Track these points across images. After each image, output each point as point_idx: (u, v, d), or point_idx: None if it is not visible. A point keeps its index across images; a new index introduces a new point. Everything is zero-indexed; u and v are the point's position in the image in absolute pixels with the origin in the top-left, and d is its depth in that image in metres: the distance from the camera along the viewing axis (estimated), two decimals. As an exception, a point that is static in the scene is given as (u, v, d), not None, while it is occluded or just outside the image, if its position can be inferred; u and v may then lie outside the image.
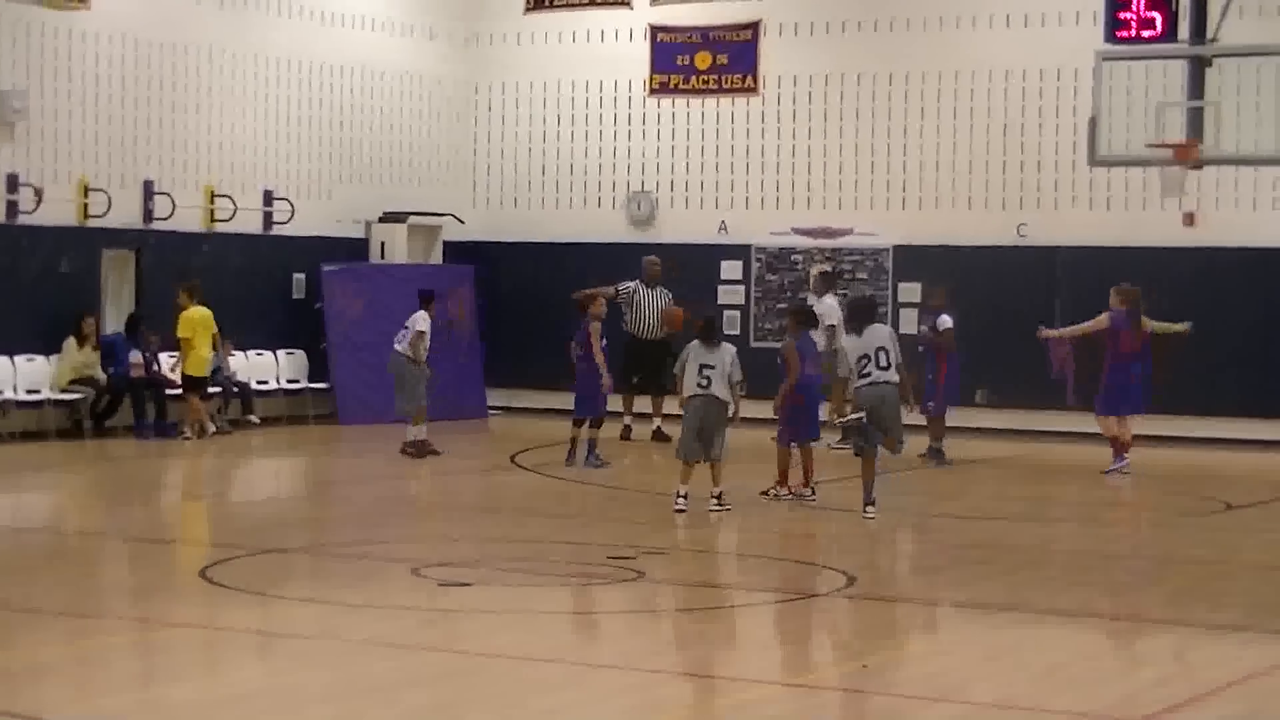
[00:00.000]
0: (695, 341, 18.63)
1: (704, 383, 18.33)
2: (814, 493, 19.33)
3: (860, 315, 18.66)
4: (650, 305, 25.82)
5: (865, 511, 18.27)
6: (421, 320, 23.37)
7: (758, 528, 18.13)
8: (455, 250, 30.08)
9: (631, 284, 26.02)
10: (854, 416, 18.47)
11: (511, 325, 29.48)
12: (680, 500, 18.35)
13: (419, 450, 23.10)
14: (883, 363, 18.16)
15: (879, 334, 18.39)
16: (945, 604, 14.56)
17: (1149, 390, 22.80)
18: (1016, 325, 27.08)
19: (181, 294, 25.29)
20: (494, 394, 29.45)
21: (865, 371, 18.19)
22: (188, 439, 24.94)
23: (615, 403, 25.65)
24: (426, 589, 14.43)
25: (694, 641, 13.05)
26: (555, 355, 23.56)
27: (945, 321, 23.08)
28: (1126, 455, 22.53)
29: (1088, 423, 24.88)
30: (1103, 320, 22.50)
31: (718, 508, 18.40)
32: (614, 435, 25.22)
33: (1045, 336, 23.38)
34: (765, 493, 19.34)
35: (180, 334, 25.13)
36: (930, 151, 28.41)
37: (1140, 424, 23.14)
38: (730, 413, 18.43)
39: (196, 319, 25.19)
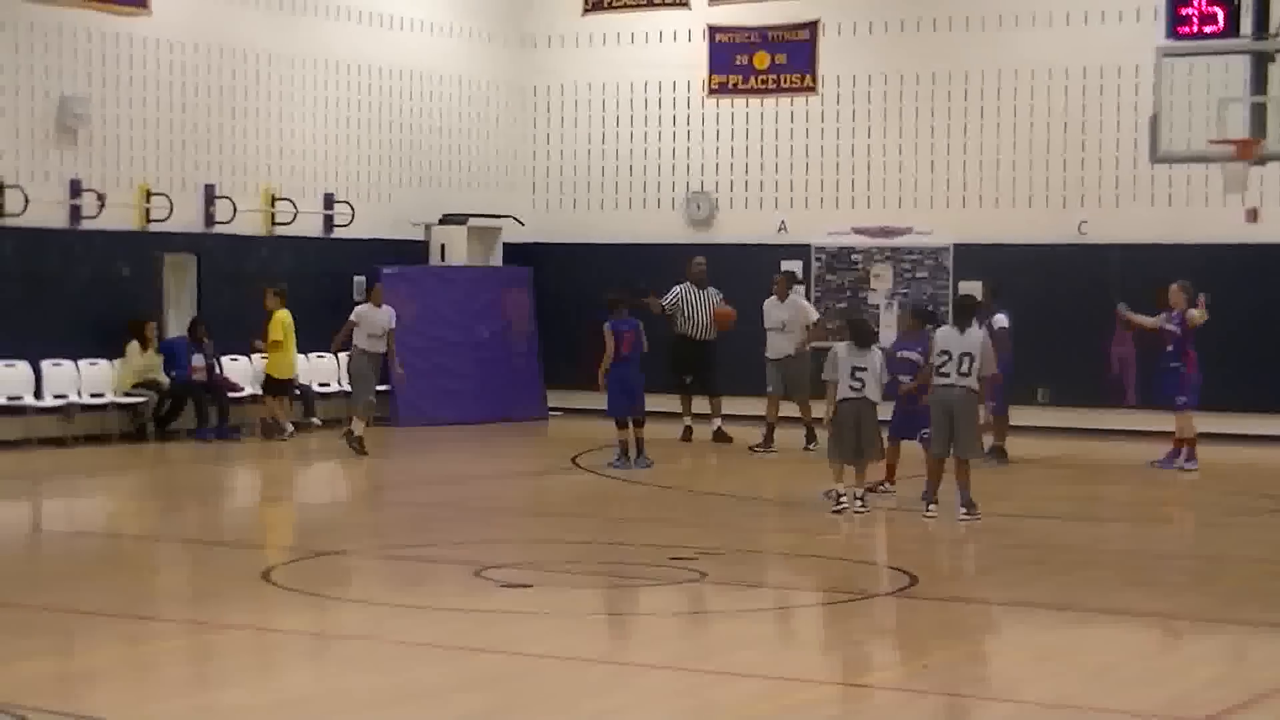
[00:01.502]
0: (844, 343, 18.57)
1: (857, 385, 18.28)
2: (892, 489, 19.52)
3: (964, 314, 18.57)
4: (701, 306, 25.70)
5: (926, 510, 18.24)
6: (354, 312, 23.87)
7: (817, 528, 18.10)
8: (514, 252, 30.16)
9: (677, 289, 25.88)
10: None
11: (571, 326, 29.46)
12: (843, 500, 18.37)
13: (358, 445, 23.43)
14: (964, 369, 18.04)
15: (973, 339, 18.23)
16: (998, 604, 14.51)
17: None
18: (1076, 323, 27.00)
19: (270, 296, 25.60)
20: (553, 395, 29.48)
21: (944, 371, 18.10)
22: (285, 438, 25.45)
23: (673, 403, 25.74)
24: (484, 591, 14.45)
25: (754, 642, 13.04)
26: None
27: (1000, 321, 22.91)
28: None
29: (1147, 421, 24.85)
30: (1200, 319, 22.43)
31: (863, 508, 18.39)
32: (675, 436, 25.26)
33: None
34: (873, 489, 19.25)
35: (272, 336, 25.47)
36: (990, 150, 28.32)
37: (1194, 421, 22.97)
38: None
39: (287, 321, 25.52)
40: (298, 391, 26.63)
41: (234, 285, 26.61)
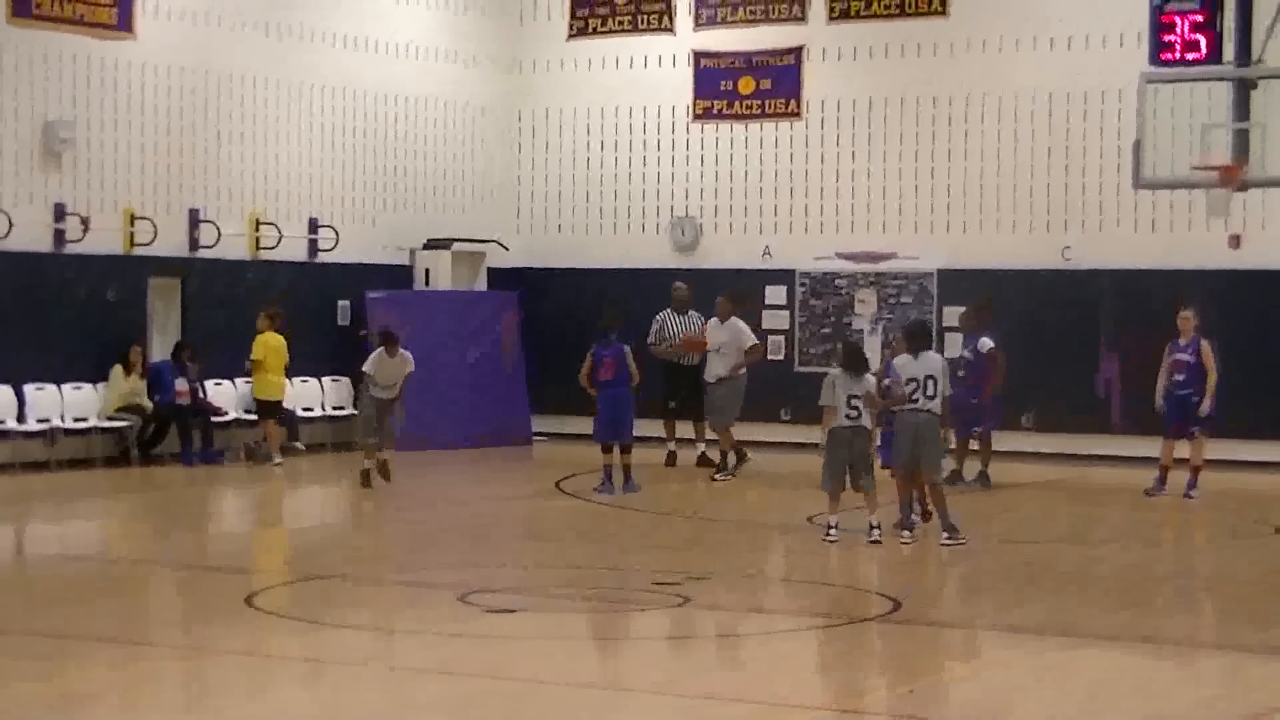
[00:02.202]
0: (839, 370, 18.49)
1: (853, 414, 18.17)
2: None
3: (917, 339, 18.57)
4: (680, 331, 25.58)
5: (900, 535, 18.25)
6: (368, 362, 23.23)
7: (803, 552, 18.10)
8: (499, 276, 30.16)
9: (659, 317, 25.80)
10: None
11: (556, 351, 29.42)
12: (833, 531, 18.17)
13: (364, 479, 22.86)
14: (930, 391, 18.10)
15: (932, 362, 18.26)
16: (990, 627, 14.50)
17: None
18: (1061, 347, 27.04)
19: (261, 318, 25.61)
20: (539, 420, 29.45)
21: (913, 397, 18.14)
22: (279, 464, 25.20)
23: (656, 428, 25.68)
24: (472, 615, 14.43)
25: (740, 666, 13.03)
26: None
27: (986, 344, 22.92)
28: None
29: (1133, 446, 24.86)
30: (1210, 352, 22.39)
31: (878, 537, 18.13)
32: (659, 461, 25.23)
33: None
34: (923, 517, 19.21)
35: (254, 356, 25.45)
36: (974, 175, 28.36)
37: (1184, 446, 22.92)
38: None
39: (271, 344, 25.51)
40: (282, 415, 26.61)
41: (219, 309, 26.58)
